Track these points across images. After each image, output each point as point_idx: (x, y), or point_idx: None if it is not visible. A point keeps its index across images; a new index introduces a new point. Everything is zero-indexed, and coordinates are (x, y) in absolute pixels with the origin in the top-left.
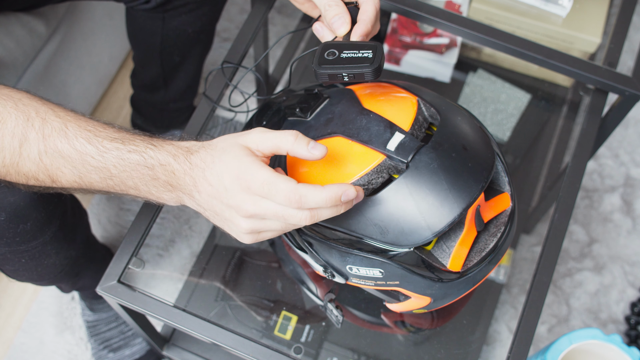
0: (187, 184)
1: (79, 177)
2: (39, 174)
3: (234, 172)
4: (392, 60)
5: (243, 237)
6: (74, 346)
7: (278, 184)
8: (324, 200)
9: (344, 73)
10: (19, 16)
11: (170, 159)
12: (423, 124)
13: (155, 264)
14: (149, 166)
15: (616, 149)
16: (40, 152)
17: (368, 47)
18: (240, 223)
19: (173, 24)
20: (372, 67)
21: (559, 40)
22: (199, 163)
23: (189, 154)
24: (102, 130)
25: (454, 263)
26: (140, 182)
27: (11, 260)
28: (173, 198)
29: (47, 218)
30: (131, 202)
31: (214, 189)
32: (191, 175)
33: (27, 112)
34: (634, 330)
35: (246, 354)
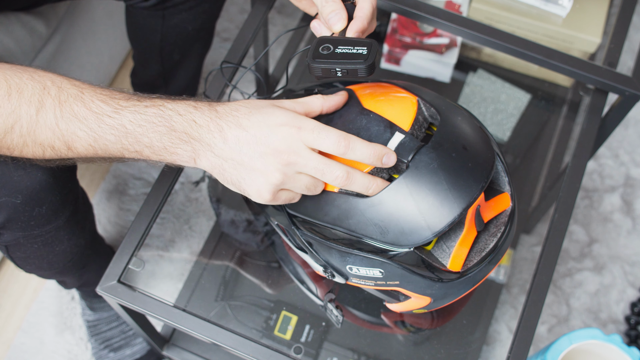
0: (211, 131)
1: (94, 140)
2: (55, 141)
3: (281, 120)
4: (392, 60)
5: (263, 193)
6: (74, 346)
7: (329, 129)
8: (369, 152)
9: (338, 68)
10: (19, 16)
11: (191, 108)
12: (423, 124)
13: (155, 264)
14: (166, 117)
15: (616, 149)
16: (56, 117)
17: (363, 44)
18: (272, 173)
19: (173, 21)
20: (365, 63)
21: (559, 40)
22: (231, 112)
23: (214, 105)
24: (119, 93)
25: (454, 263)
26: (155, 137)
27: (24, 246)
28: (187, 152)
29: (62, 202)
30: (131, 202)
31: (250, 134)
32: (218, 122)
33: (43, 82)
34: (634, 330)
35: (246, 354)
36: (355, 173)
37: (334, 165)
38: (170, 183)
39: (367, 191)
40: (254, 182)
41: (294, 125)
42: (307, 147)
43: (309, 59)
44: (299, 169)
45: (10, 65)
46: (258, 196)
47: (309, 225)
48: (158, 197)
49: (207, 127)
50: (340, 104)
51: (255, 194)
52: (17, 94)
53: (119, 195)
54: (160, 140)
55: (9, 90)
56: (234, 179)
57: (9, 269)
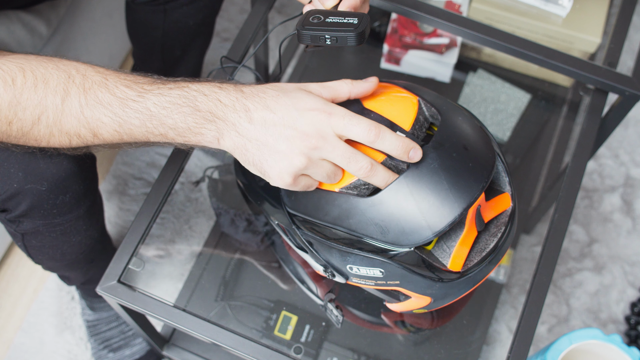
0: (237, 110)
1: (118, 125)
2: (80, 129)
3: (310, 104)
4: (392, 60)
5: (285, 176)
6: (74, 346)
7: (360, 117)
8: (398, 143)
9: (327, 35)
10: (20, 16)
11: (216, 89)
12: (424, 124)
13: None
14: (191, 97)
15: (616, 149)
16: (81, 105)
17: (354, 15)
18: (297, 157)
19: (174, 16)
20: (356, 31)
21: (559, 40)
22: (258, 93)
23: (240, 86)
24: (143, 77)
25: (454, 263)
26: (179, 118)
27: (42, 235)
28: (211, 132)
29: (85, 191)
30: (131, 202)
31: (277, 116)
32: (244, 102)
33: (67, 71)
34: (634, 330)
35: (246, 354)
36: (378, 166)
37: (360, 155)
38: (170, 183)
39: (383, 186)
40: (277, 164)
41: (324, 111)
42: (336, 134)
43: (299, 26)
44: (325, 155)
45: (35, 56)
46: (279, 179)
47: (310, 225)
48: (158, 197)
49: (232, 107)
50: (369, 90)
51: (276, 177)
52: (43, 84)
53: (119, 195)
54: (184, 121)
55: (35, 81)
56: (256, 160)
57: (9, 269)
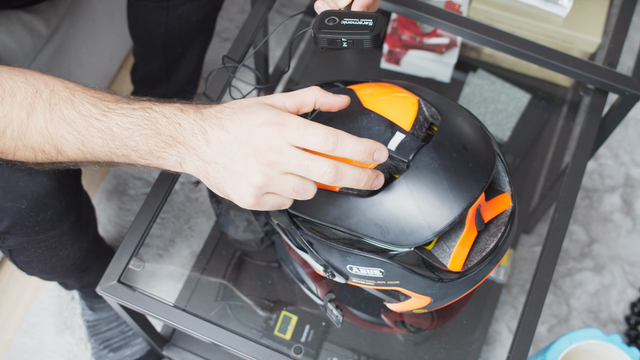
0: (195, 134)
1: (81, 144)
2: (44, 145)
3: (263, 118)
4: (392, 60)
5: (246, 197)
6: (74, 346)
7: (315, 125)
8: (359, 147)
9: (343, 39)
10: (20, 16)
11: (177, 111)
12: (424, 124)
13: (155, 264)
14: (152, 119)
15: (616, 149)
16: (46, 121)
17: (368, 16)
18: (253, 175)
19: (177, 13)
20: (371, 34)
21: (559, 40)
22: (215, 113)
23: (200, 108)
24: (111, 95)
25: (454, 263)
26: (141, 140)
27: (27, 251)
28: (173, 156)
29: (67, 208)
30: (131, 202)
31: (232, 135)
32: (201, 125)
33: (36, 85)
34: (634, 330)
35: (246, 354)
36: (343, 167)
37: (319, 161)
38: (170, 183)
39: (359, 184)
40: (236, 185)
41: (276, 123)
42: (291, 145)
43: (315, 29)
44: (283, 169)
45: (8, 68)
46: (241, 200)
47: (310, 225)
48: (158, 197)
49: (191, 130)
50: (338, 105)
51: (237, 198)
52: (10, 97)
53: (119, 195)
54: (146, 143)
55: (2, 94)
56: (217, 183)
57: (9, 269)
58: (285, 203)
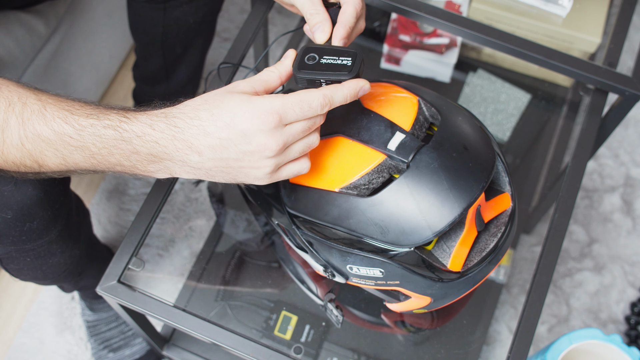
0: (178, 149)
1: (63, 159)
2: (25, 160)
3: (250, 114)
4: (392, 60)
5: (262, 180)
6: (74, 346)
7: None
8: (346, 94)
9: (322, 80)
10: (19, 16)
11: (147, 128)
12: (424, 124)
13: (155, 264)
14: (126, 140)
15: (616, 149)
16: (21, 138)
17: (348, 55)
18: (265, 163)
19: (174, 14)
20: (349, 75)
21: (559, 40)
22: (192, 122)
23: (170, 118)
24: (79, 108)
25: (454, 263)
26: (122, 157)
27: (16, 259)
28: (161, 169)
29: (54, 217)
30: (131, 202)
31: (224, 140)
32: (182, 138)
33: (10, 98)
34: (634, 330)
35: (246, 354)
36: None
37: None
38: (171, 183)
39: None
40: (249, 175)
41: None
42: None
43: (294, 70)
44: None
45: None
46: (259, 182)
47: (310, 225)
48: (158, 197)
49: (173, 147)
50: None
51: (254, 182)
52: None
53: (119, 195)
54: (128, 159)
55: None
56: (227, 179)
57: None
58: (301, 168)
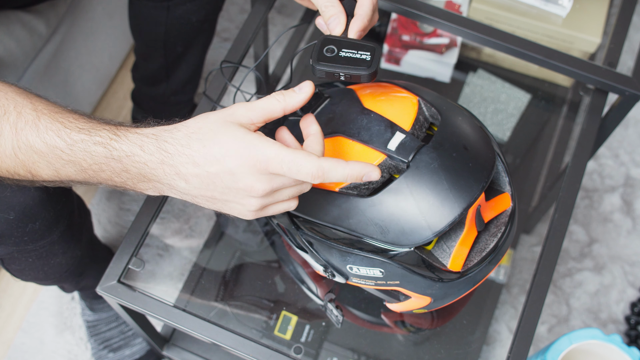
0: (166, 173)
1: (55, 172)
2: (18, 170)
3: (241, 154)
4: (392, 60)
5: (248, 215)
6: (74, 346)
7: (299, 162)
8: (345, 177)
9: (341, 73)
10: (20, 16)
11: (137, 149)
12: (424, 124)
13: (155, 264)
14: (116, 158)
15: (616, 149)
16: (14, 148)
17: (367, 49)
18: (250, 202)
19: (177, 13)
20: (369, 70)
21: (559, 40)
22: (183, 150)
23: (161, 142)
24: (73, 122)
25: (454, 263)
26: (112, 174)
27: (18, 260)
28: (150, 188)
29: (56, 217)
30: (131, 202)
31: (212, 174)
32: (171, 164)
33: (5, 106)
34: (634, 330)
35: (246, 354)
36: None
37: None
38: None
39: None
40: (233, 210)
41: (260, 161)
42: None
43: (313, 61)
44: (277, 190)
45: None
46: (244, 218)
47: (310, 225)
48: (158, 197)
49: (161, 170)
50: (304, 101)
51: (239, 217)
52: None
53: (119, 195)
54: (118, 176)
55: None
56: (212, 208)
57: None
58: (289, 206)
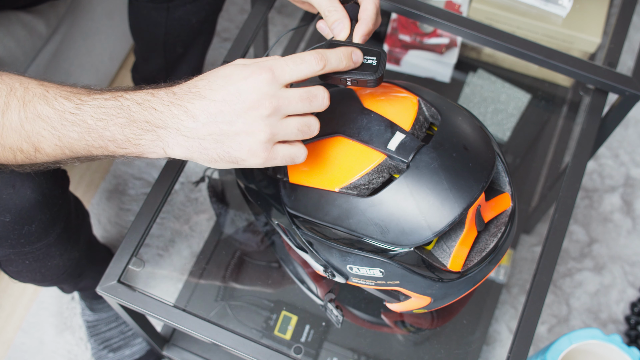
0: (174, 115)
1: (58, 139)
2: (22, 144)
3: (245, 72)
4: (392, 60)
5: (258, 153)
6: (74, 346)
7: (300, 55)
8: (340, 56)
9: (348, 78)
10: (20, 16)
11: (149, 96)
12: (424, 124)
13: (155, 264)
14: (125, 107)
15: (616, 149)
16: (21, 119)
17: (372, 54)
18: (258, 128)
19: (177, 13)
20: (375, 75)
21: (559, 40)
22: (190, 89)
23: (172, 88)
24: (84, 89)
25: (454, 263)
26: (116, 129)
27: (15, 262)
28: (153, 142)
29: (52, 220)
30: (131, 202)
31: (218, 102)
32: (179, 104)
33: (11, 84)
34: (634, 330)
35: (246, 354)
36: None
37: (314, 89)
38: (170, 183)
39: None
40: (242, 146)
41: (262, 69)
42: (283, 85)
43: None
44: (285, 111)
45: None
46: (252, 158)
47: (310, 225)
48: (158, 197)
49: (169, 112)
50: None
51: (248, 157)
52: None
53: (119, 195)
54: (122, 132)
55: None
56: (220, 153)
57: None
58: (297, 153)
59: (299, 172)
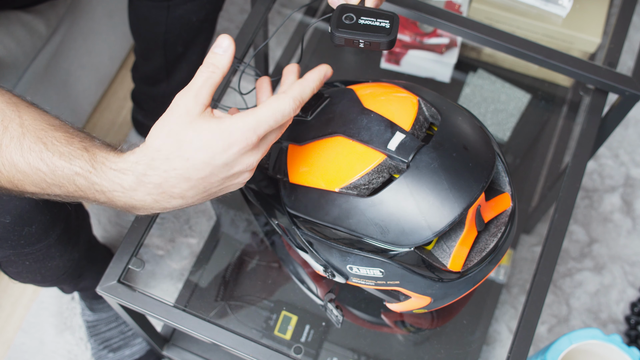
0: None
1: (41, 190)
2: (4, 183)
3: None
4: (392, 60)
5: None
6: (74, 346)
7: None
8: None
9: (361, 40)
10: (20, 16)
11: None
12: (424, 124)
13: (155, 264)
14: (99, 192)
15: (616, 149)
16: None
17: (385, 17)
18: (244, 177)
19: (178, 12)
20: (389, 37)
21: (559, 40)
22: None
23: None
24: (55, 144)
25: (454, 263)
26: (99, 201)
27: (15, 263)
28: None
29: (52, 221)
30: None
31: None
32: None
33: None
34: (634, 330)
35: (246, 354)
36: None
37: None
38: None
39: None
40: (229, 189)
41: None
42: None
43: (332, 28)
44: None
45: None
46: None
47: (310, 225)
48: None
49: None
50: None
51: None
52: None
53: None
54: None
55: None
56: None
57: None
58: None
59: (299, 172)
